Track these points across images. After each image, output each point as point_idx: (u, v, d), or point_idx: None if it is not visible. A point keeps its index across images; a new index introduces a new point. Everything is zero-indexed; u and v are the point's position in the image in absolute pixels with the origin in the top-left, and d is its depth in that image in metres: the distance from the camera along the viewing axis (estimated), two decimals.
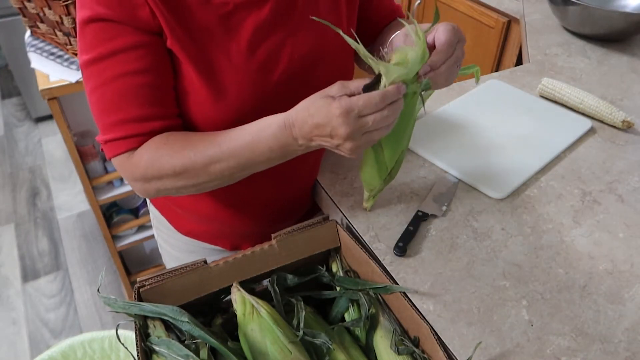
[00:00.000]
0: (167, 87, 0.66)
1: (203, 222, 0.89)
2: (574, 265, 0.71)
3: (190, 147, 0.64)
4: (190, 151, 0.64)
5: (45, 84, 1.30)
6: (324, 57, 0.74)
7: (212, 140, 0.64)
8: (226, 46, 0.65)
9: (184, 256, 0.97)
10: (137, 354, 0.58)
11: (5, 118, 2.92)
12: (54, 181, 2.48)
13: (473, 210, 0.80)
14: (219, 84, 0.66)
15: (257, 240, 0.85)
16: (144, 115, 0.64)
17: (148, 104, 0.64)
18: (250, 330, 0.61)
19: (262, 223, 0.89)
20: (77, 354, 1.02)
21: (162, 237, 1.00)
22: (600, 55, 1.24)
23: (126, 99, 0.63)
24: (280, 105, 0.64)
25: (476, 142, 0.92)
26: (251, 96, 0.68)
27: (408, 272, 0.70)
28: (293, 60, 0.70)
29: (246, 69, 0.67)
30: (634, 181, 0.86)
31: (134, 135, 0.65)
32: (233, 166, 0.64)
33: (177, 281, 0.65)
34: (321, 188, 0.84)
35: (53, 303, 1.93)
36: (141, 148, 0.65)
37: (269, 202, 0.87)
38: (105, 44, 0.61)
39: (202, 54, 0.64)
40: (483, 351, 0.61)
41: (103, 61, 0.62)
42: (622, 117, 0.95)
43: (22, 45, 2.33)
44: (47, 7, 1.28)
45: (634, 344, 0.62)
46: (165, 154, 0.64)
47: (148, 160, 0.65)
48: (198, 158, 0.63)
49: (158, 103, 0.65)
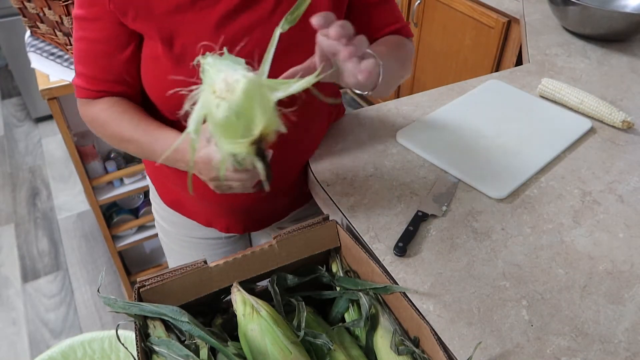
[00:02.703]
0: (118, 58, 0.75)
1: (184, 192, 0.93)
2: (574, 265, 0.71)
3: (119, 122, 0.77)
4: (117, 125, 0.77)
5: (45, 84, 1.30)
6: (298, 50, 0.73)
7: (136, 124, 0.77)
8: (195, 24, 0.71)
9: (168, 226, 1.05)
10: (137, 354, 0.58)
11: (5, 118, 2.92)
12: (54, 181, 2.48)
13: (473, 210, 0.80)
14: (180, 55, 0.73)
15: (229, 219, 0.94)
16: (96, 76, 0.77)
17: (100, 68, 0.76)
18: (250, 330, 0.61)
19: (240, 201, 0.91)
20: (77, 354, 1.02)
21: (154, 206, 1.07)
22: (600, 55, 1.24)
23: (86, 58, 0.76)
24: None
25: (476, 142, 0.92)
26: None
27: (408, 272, 0.70)
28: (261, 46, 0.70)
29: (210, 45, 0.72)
30: (634, 181, 0.86)
31: (88, 89, 0.78)
32: (138, 152, 0.79)
33: (177, 281, 0.65)
34: (321, 188, 0.84)
35: (53, 303, 1.93)
36: (97, 102, 0.79)
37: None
38: (84, 8, 0.73)
39: (168, 31, 0.71)
40: (483, 351, 0.61)
41: (79, 22, 0.74)
42: (622, 118, 0.95)
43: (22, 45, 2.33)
44: (47, 7, 1.28)
45: (634, 344, 0.62)
46: (104, 118, 0.78)
47: (93, 115, 0.80)
48: (118, 132, 0.78)
49: (107, 70, 0.76)
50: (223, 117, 0.47)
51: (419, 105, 1.03)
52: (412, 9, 2.06)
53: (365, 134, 0.95)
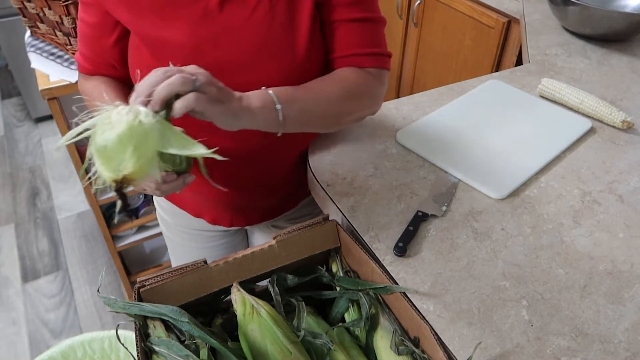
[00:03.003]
0: (102, 42, 0.81)
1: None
2: (574, 265, 0.71)
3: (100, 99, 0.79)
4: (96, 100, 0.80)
5: (45, 84, 1.31)
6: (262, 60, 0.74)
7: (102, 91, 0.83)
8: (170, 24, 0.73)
9: (168, 217, 1.07)
10: (137, 354, 0.58)
11: (5, 118, 2.92)
12: (54, 181, 2.48)
13: (473, 210, 0.80)
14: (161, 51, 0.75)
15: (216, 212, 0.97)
16: (89, 55, 0.83)
17: (91, 50, 0.83)
18: (250, 330, 0.61)
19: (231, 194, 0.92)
20: (77, 354, 1.02)
21: (155, 198, 1.11)
22: (600, 55, 1.24)
23: (82, 38, 0.83)
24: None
25: (476, 142, 0.92)
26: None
27: (408, 272, 0.70)
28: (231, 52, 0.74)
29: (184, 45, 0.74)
30: (634, 181, 0.86)
31: (84, 66, 0.85)
32: None
33: (177, 281, 0.65)
34: (321, 188, 0.84)
35: (53, 303, 1.93)
36: (91, 78, 0.85)
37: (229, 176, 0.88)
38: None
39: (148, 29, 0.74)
40: (483, 351, 0.61)
41: (81, 4, 0.79)
42: (622, 118, 0.95)
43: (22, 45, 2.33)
44: (47, 8, 1.28)
45: (634, 344, 0.62)
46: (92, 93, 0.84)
47: (85, 89, 0.86)
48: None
49: (94, 51, 0.83)
50: (99, 144, 0.50)
51: (419, 105, 1.03)
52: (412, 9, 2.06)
53: (365, 134, 0.95)
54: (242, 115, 0.64)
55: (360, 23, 0.78)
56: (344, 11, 0.77)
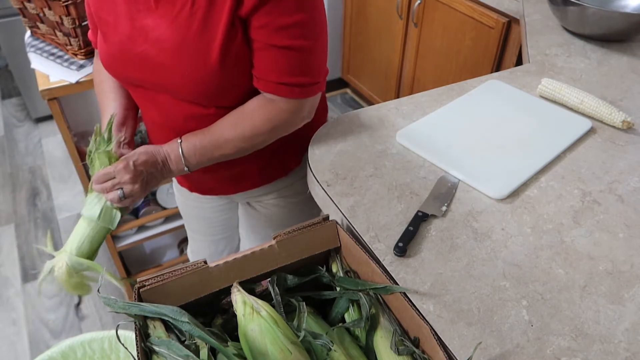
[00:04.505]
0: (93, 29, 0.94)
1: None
2: (574, 266, 0.71)
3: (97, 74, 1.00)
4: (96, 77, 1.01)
5: (45, 84, 1.30)
6: (180, 61, 0.79)
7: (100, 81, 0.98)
8: (116, 10, 0.81)
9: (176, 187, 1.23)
10: (137, 354, 0.58)
11: (5, 118, 2.92)
12: (54, 181, 2.48)
13: (473, 210, 0.80)
14: (106, 35, 0.85)
15: (187, 180, 1.09)
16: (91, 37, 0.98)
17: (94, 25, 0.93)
18: (250, 330, 0.61)
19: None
20: (77, 354, 1.02)
21: None
22: (600, 55, 1.24)
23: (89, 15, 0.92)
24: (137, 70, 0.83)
25: (476, 142, 0.92)
26: (117, 53, 0.84)
27: (408, 272, 0.70)
28: (154, 47, 0.80)
29: (122, 32, 0.82)
30: (634, 181, 0.86)
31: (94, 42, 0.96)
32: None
33: (177, 281, 0.65)
34: (321, 188, 0.84)
35: (53, 303, 1.93)
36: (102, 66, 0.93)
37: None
38: None
39: (100, 12, 0.84)
40: (483, 351, 0.61)
41: None
42: (622, 118, 0.95)
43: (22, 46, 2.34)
44: (47, 8, 1.28)
45: (634, 344, 0.62)
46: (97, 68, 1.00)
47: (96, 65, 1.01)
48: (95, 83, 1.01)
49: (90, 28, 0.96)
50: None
51: (419, 105, 1.03)
52: (412, 9, 2.06)
53: (365, 134, 0.95)
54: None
55: (284, 51, 0.75)
56: (269, 35, 0.74)
